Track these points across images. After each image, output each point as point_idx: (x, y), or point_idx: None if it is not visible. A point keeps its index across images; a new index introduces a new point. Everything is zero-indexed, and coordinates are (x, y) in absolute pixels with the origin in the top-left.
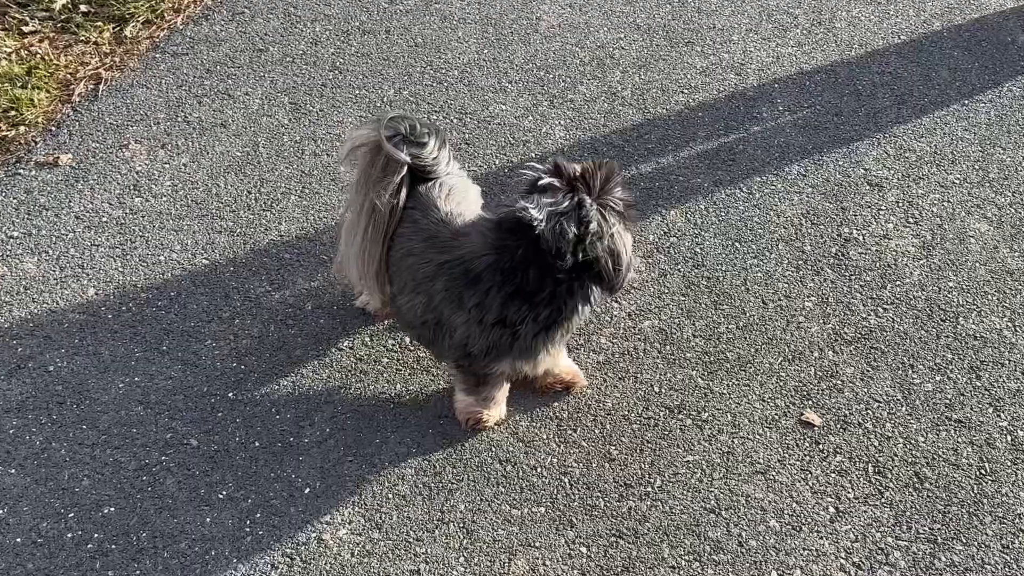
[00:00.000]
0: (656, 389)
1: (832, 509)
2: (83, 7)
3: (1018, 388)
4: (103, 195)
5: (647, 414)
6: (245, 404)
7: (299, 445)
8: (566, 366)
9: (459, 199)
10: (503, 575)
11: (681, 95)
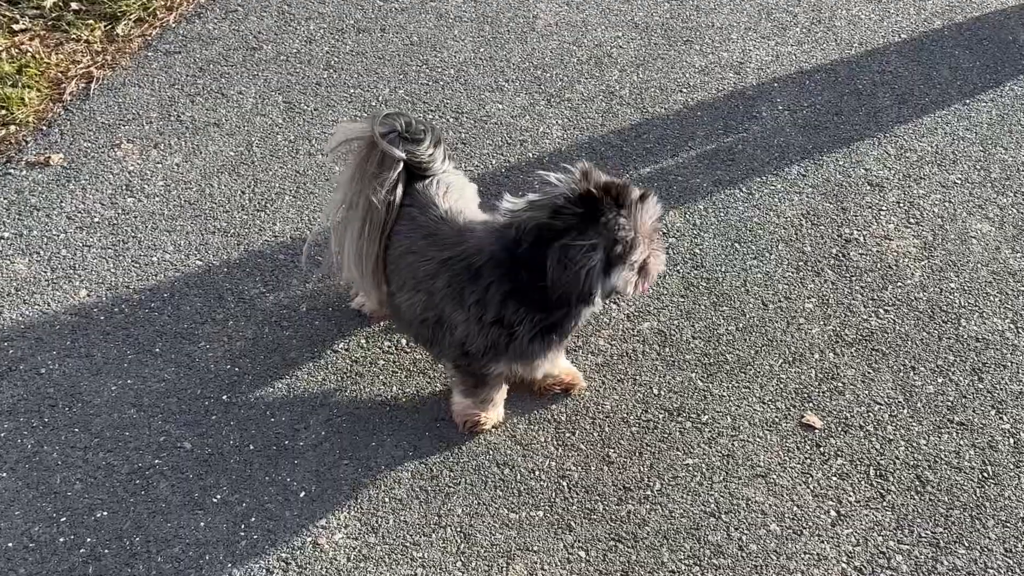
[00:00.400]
0: (655, 391)
1: (833, 513)
2: (74, 5)
3: (1020, 390)
4: (95, 195)
5: (646, 417)
6: (239, 407)
7: (294, 448)
8: (565, 368)
9: (457, 196)
10: None
11: (680, 94)
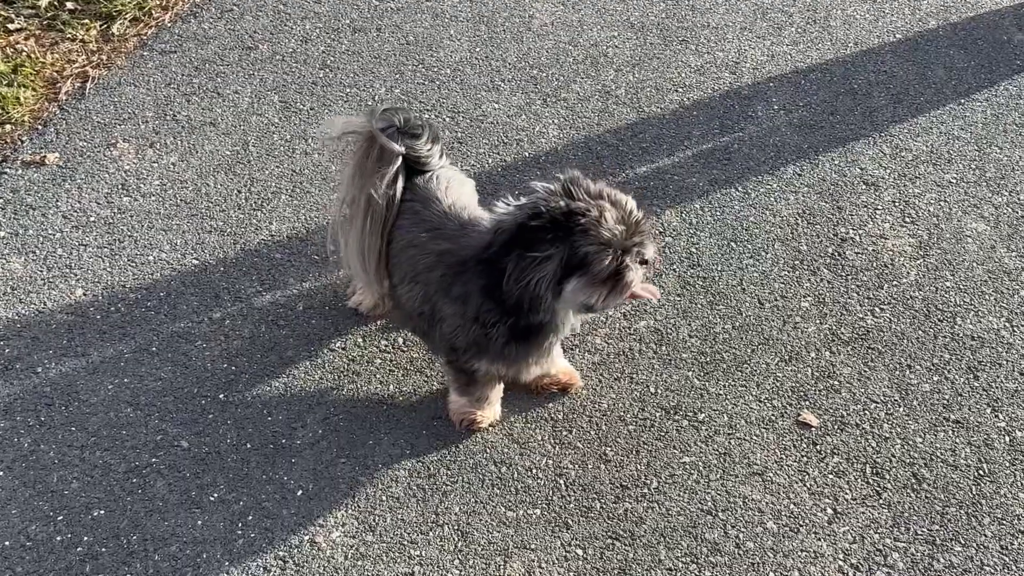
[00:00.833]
0: (652, 390)
1: (830, 510)
2: (69, 4)
3: (1016, 388)
4: (91, 194)
5: (643, 415)
6: (236, 405)
7: (291, 447)
8: (562, 367)
9: (458, 192)
10: None
11: (676, 94)
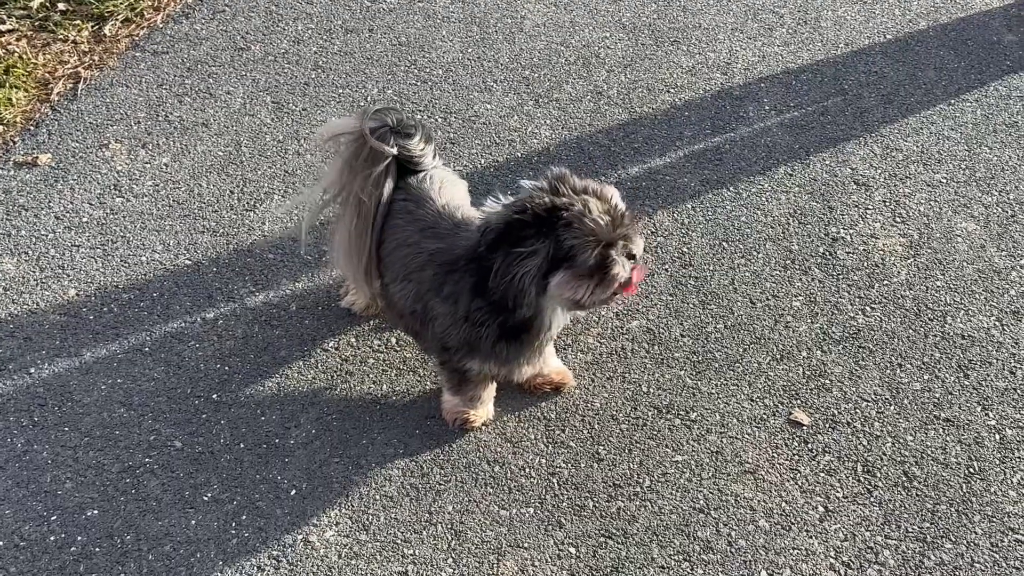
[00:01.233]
0: (644, 389)
1: (821, 508)
2: (61, 5)
3: (1006, 387)
4: (83, 195)
5: (635, 414)
6: (230, 406)
7: (285, 446)
8: (555, 367)
9: (451, 192)
10: None
11: (667, 94)
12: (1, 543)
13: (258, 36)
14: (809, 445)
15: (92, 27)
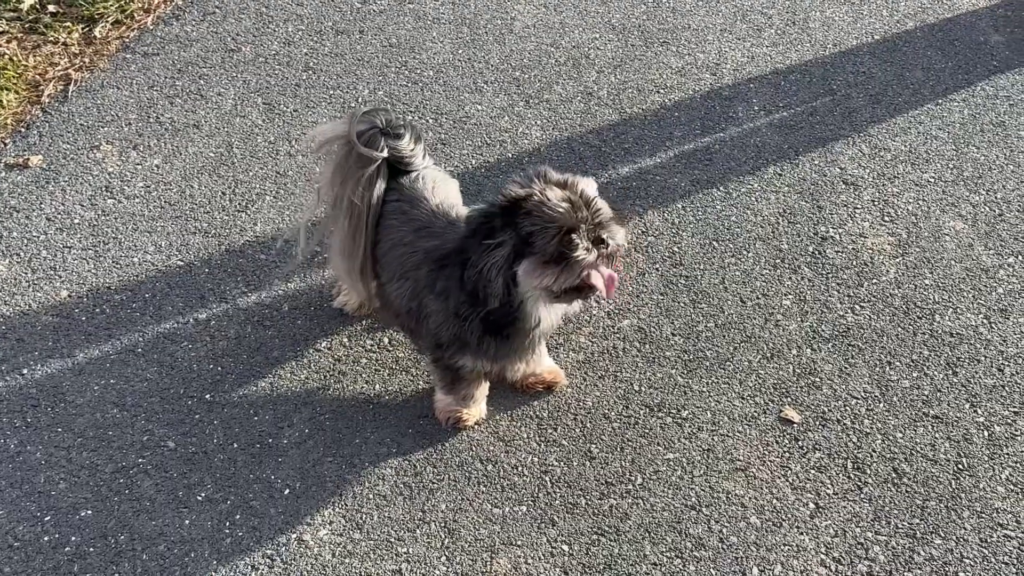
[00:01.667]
0: (636, 387)
1: (812, 505)
2: (51, 7)
3: (994, 384)
4: (75, 196)
5: (627, 412)
6: (223, 406)
7: (278, 446)
8: (547, 366)
9: (444, 191)
10: (485, 574)
11: (657, 95)
12: None
13: (249, 38)
14: (800, 442)
15: (82, 29)
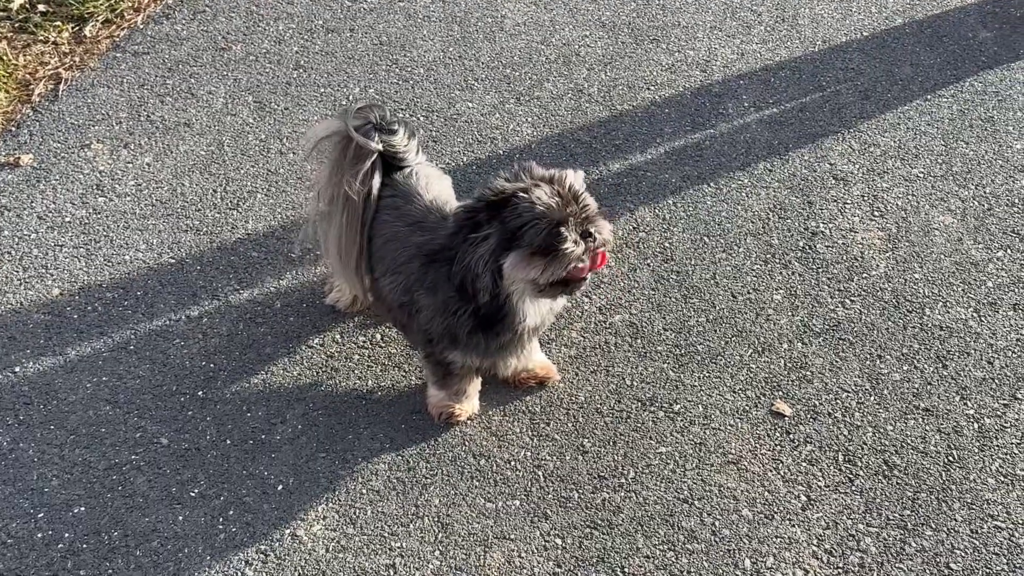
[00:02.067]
0: (628, 382)
1: (803, 497)
2: (41, 7)
3: (984, 376)
4: (66, 195)
5: (619, 407)
6: (215, 402)
7: (271, 442)
8: (539, 361)
9: (438, 187)
10: (479, 567)
11: (647, 92)
12: None
13: (239, 36)
14: (791, 435)
15: (72, 28)
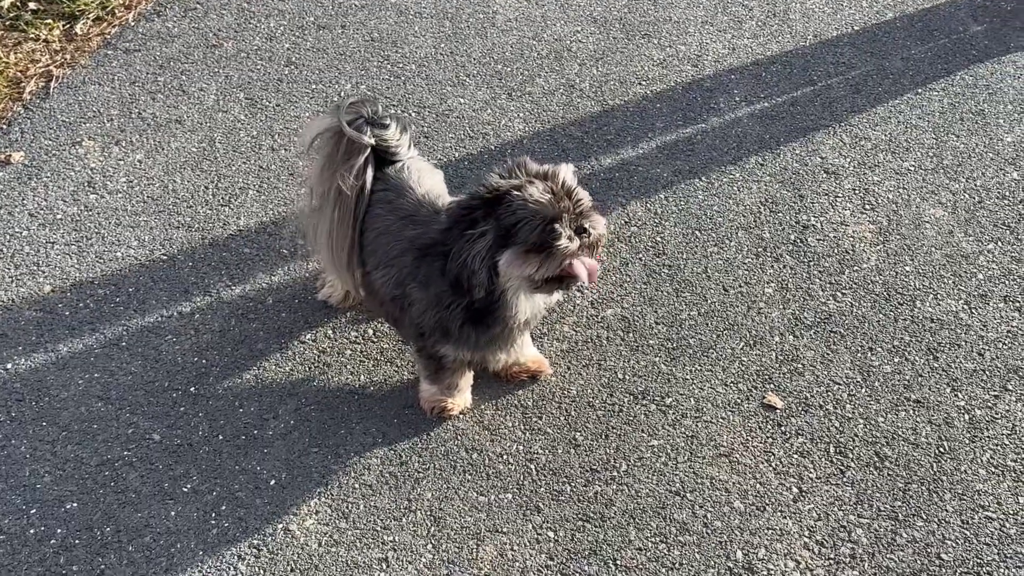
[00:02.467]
0: (620, 376)
1: (795, 489)
2: (32, 4)
3: (974, 368)
4: (57, 192)
5: (611, 400)
6: (208, 398)
7: (263, 438)
8: (531, 355)
9: (430, 181)
10: (471, 561)
11: (639, 87)
12: None
13: (230, 33)
14: (783, 428)
15: (64, 26)
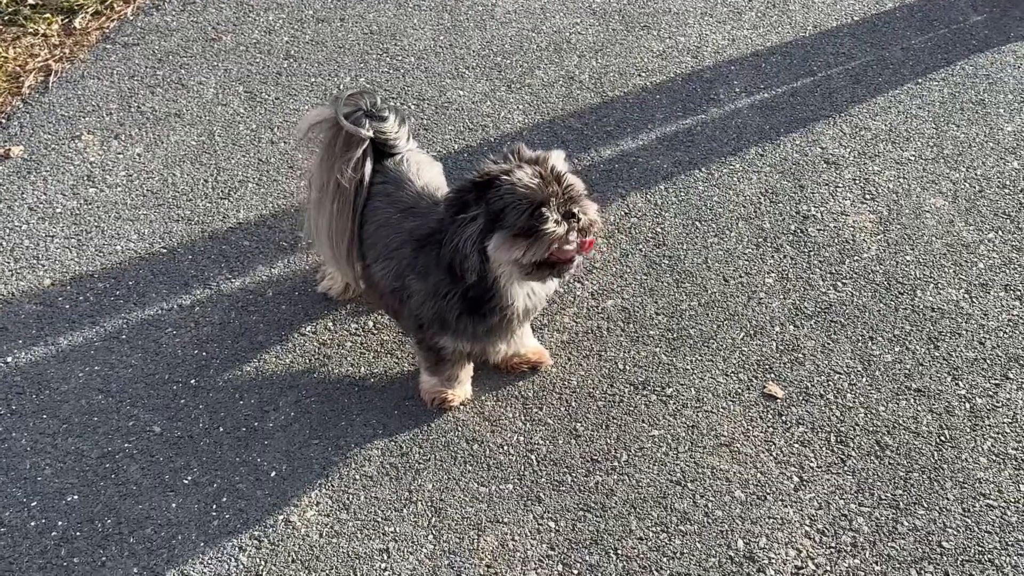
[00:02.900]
0: (620, 366)
1: (796, 478)
2: None
3: (975, 357)
4: (56, 186)
5: (612, 391)
6: (208, 391)
7: (264, 430)
8: (531, 346)
9: (429, 173)
10: (472, 551)
11: (639, 78)
12: None
13: (229, 26)
14: (783, 417)
15: (62, 20)
